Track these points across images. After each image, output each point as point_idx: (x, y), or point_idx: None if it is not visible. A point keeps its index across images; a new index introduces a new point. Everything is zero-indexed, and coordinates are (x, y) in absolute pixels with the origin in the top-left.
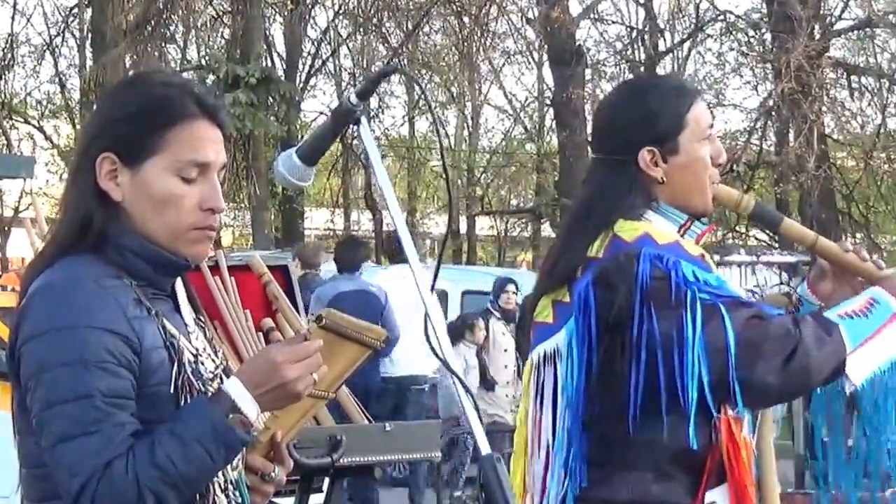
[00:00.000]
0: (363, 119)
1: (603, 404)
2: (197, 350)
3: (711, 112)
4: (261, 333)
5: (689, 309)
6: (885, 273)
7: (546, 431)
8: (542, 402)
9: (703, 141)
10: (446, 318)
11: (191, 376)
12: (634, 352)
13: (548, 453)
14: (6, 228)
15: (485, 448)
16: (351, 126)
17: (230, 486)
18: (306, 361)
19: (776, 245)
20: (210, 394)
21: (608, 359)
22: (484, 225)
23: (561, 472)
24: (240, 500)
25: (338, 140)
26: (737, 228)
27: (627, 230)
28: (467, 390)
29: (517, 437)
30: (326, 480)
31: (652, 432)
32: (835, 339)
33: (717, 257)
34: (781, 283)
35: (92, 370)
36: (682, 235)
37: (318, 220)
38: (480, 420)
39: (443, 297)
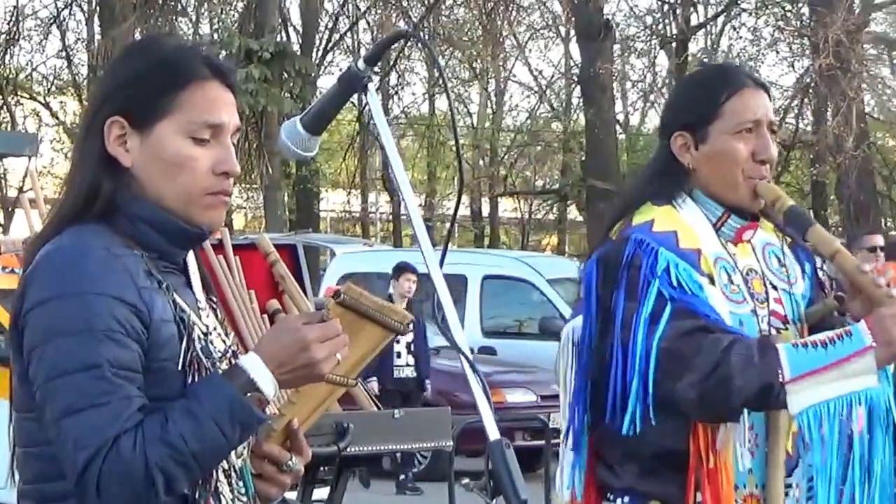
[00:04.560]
0: (371, 86)
1: (596, 390)
2: (207, 328)
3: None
4: (265, 315)
5: (644, 302)
6: (888, 302)
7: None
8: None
9: (739, 134)
10: (465, 305)
11: (200, 353)
12: (612, 335)
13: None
14: (10, 209)
15: (493, 434)
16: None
17: (234, 475)
18: (334, 340)
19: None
20: (225, 370)
21: (601, 343)
22: (507, 207)
23: (573, 450)
24: (243, 490)
25: (355, 119)
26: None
27: (641, 214)
28: (476, 373)
29: (562, 409)
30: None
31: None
32: (766, 363)
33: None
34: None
35: (100, 339)
36: (718, 229)
37: (333, 202)
38: (489, 404)
39: (462, 281)
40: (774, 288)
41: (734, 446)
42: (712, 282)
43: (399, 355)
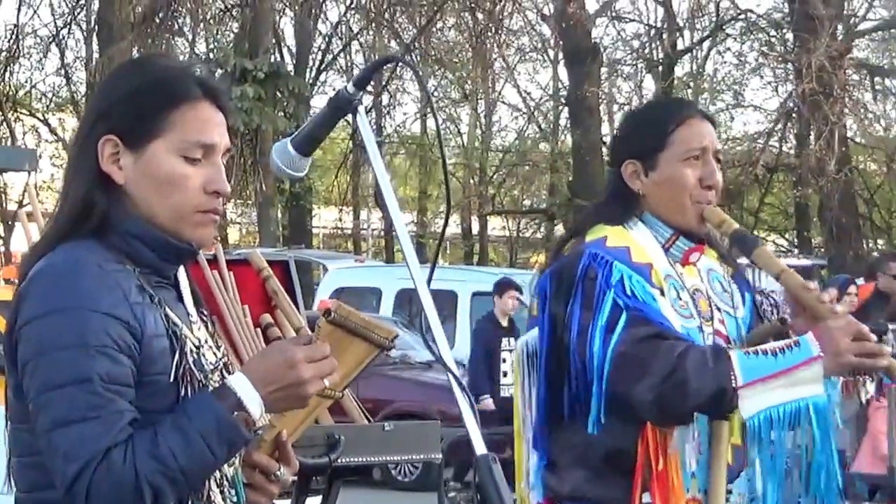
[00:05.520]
0: (360, 109)
1: (552, 397)
2: (199, 340)
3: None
4: (258, 329)
5: (600, 311)
6: (832, 317)
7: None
8: (531, 390)
9: (687, 161)
10: (455, 321)
11: (192, 366)
12: (570, 346)
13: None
14: (10, 222)
15: (480, 448)
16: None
17: (226, 483)
18: (321, 363)
19: (793, 249)
20: (213, 387)
21: (556, 352)
22: (496, 225)
23: (534, 459)
24: (235, 498)
25: (348, 137)
26: (754, 233)
27: (594, 232)
28: (463, 388)
29: (515, 419)
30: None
31: (585, 430)
32: (719, 368)
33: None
34: None
35: (92, 354)
36: (667, 250)
37: (326, 218)
38: (476, 419)
39: (452, 298)
40: (718, 309)
41: (683, 450)
42: (662, 294)
43: (506, 374)
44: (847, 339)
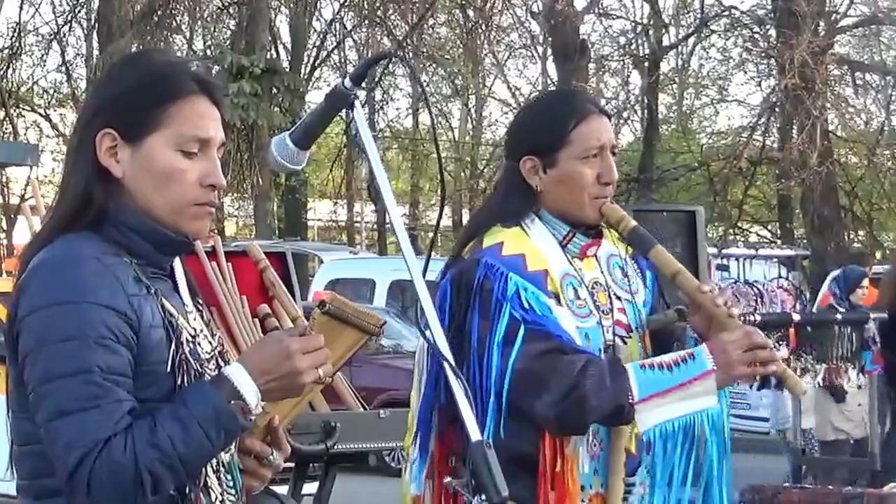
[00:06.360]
0: (357, 103)
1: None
2: (195, 330)
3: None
4: (256, 319)
5: (497, 323)
6: (728, 321)
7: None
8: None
9: (586, 160)
10: None
11: (188, 356)
12: (469, 352)
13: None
14: (12, 216)
15: (474, 434)
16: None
17: (222, 469)
18: (316, 353)
19: (776, 241)
20: (211, 377)
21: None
22: None
23: (415, 455)
24: (231, 483)
25: (342, 132)
26: (738, 225)
27: (491, 236)
28: (458, 376)
29: (409, 416)
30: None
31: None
32: (617, 385)
33: (713, 250)
34: (780, 277)
35: (92, 346)
36: (564, 246)
37: (321, 211)
38: (471, 406)
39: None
40: (618, 298)
41: (580, 451)
42: (559, 301)
43: None
44: (739, 351)
